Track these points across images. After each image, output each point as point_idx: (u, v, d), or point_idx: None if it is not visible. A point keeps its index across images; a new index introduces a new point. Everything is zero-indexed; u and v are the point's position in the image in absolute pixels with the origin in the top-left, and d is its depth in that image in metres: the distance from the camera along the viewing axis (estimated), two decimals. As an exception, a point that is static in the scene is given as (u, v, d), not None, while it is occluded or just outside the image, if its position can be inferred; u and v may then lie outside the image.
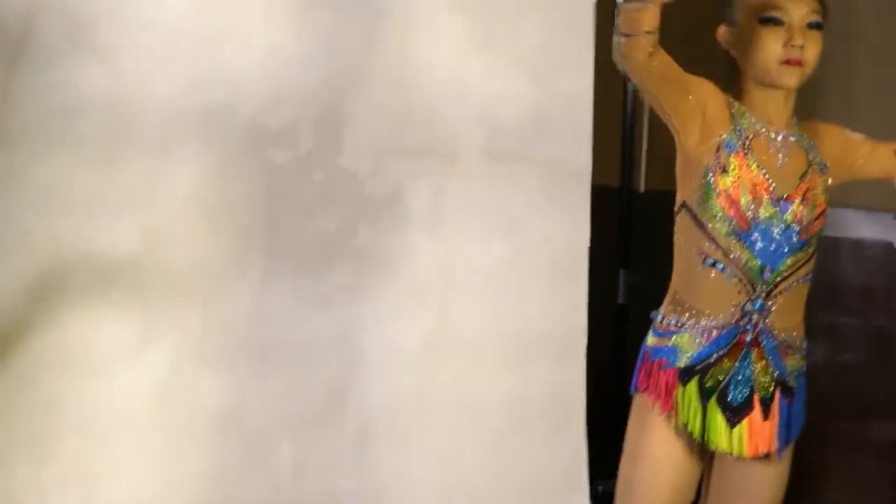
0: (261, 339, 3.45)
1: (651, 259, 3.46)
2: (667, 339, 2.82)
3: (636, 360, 2.94)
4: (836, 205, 4.13)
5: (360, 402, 3.52)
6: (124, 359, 3.34)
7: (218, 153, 3.36)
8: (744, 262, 2.76)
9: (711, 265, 2.79)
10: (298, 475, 3.51)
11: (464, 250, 3.56)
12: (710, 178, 2.77)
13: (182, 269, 3.38)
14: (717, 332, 2.78)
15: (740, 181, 2.75)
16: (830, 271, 4.22)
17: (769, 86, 2.82)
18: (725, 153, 2.77)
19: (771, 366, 2.78)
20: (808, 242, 2.81)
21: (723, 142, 2.78)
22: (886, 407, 4.14)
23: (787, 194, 2.78)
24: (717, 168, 2.76)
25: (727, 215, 2.76)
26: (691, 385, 2.78)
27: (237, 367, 3.44)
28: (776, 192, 2.77)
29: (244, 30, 3.34)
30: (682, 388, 2.79)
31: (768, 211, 2.76)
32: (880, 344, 4.19)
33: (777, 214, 2.77)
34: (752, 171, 2.76)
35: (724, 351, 2.78)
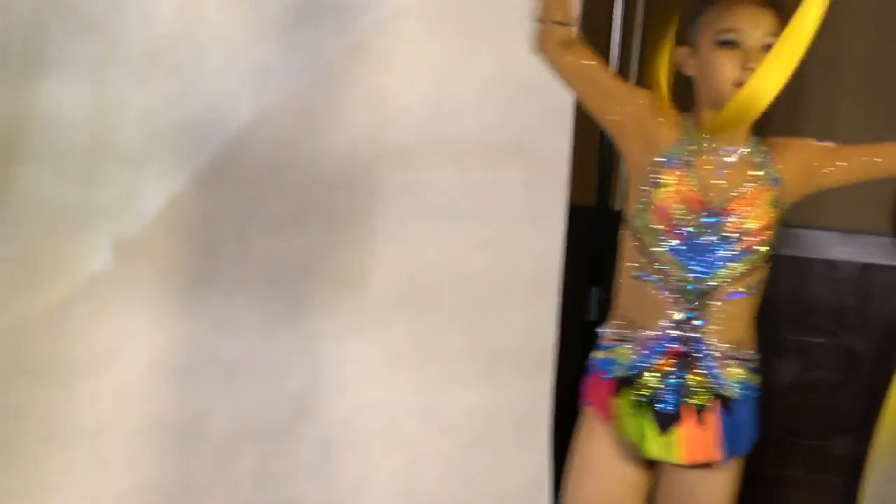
0: (227, 352, 3.46)
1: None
2: (609, 352, 2.83)
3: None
4: (808, 226, 4.15)
5: (325, 414, 3.53)
6: (89, 370, 3.36)
7: (194, 167, 3.38)
8: (674, 275, 2.77)
9: (644, 278, 2.79)
10: (262, 486, 3.52)
11: (433, 265, 3.57)
12: (646, 191, 2.77)
13: (151, 281, 3.39)
14: (652, 344, 2.79)
15: (675, 195, 2.75)
16: (802, 291, 4.23)
17: (722, 106, 2.81)
18: (664, 168, 2.77)
19: (708, 377, 2.78)
20: (748, 255, 2.79)
21: (663, 157, 2.78)
22: (851, 424, 4.14)
23: (724, 207, 2.77)
24: (654, 182, 2.77)
25: (658, 228, 2.76)
26: (626, 395, 2.80)
27: (203, 378, 3.45)
28: (712, 205, 2.76)
29: (228, 46, 3.37)
30: (617, 398, 2.80)
31: (701, 224, 2.76)
32: (849, 363, 4.20)
33: (711, 226, 2.76)
34: (689, 185, 2.76)
35: (658, 361, 2.79)
